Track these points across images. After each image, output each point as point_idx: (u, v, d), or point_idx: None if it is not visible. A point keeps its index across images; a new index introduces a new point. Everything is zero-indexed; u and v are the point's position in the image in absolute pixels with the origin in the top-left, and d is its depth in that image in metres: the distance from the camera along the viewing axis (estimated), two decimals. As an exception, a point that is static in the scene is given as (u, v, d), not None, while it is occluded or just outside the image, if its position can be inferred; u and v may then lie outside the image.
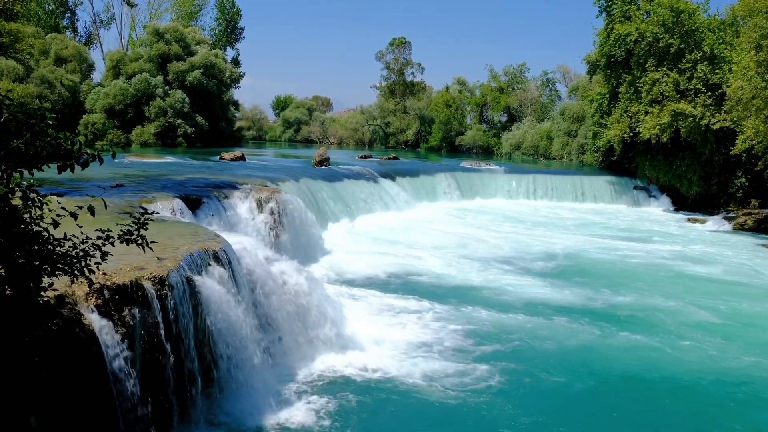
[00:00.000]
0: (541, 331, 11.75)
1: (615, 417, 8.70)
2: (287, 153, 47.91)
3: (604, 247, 20.81)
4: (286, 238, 15.39)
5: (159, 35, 48.59)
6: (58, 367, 5.46)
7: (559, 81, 64.71)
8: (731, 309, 13.86)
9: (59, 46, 48.86)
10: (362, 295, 13.49)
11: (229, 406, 7.83)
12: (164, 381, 6.86)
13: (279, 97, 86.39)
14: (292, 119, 76.56)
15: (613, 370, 10.13)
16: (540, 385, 9.36)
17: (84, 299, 6.09)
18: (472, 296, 13.86)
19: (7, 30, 27.35)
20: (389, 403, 8.53)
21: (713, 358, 10.74)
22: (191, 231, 9.79)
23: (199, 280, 7.72)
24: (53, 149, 4.73)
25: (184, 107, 45.93)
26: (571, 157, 48.17)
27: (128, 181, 16.09)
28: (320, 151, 29.77)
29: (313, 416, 8.01)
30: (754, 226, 26.42)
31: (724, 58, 29.99)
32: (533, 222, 26.18)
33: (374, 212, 23.85)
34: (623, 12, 32.92)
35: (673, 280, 16.49)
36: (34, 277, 5.01)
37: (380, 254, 17.55)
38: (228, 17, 68.99)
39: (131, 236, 5.48)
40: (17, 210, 4.78)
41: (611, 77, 34.15)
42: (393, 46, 69.61)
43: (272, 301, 9.56)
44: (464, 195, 31.16)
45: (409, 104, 69.46)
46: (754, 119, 25.09)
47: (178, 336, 7.12)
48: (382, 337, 10.78)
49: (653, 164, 32.94)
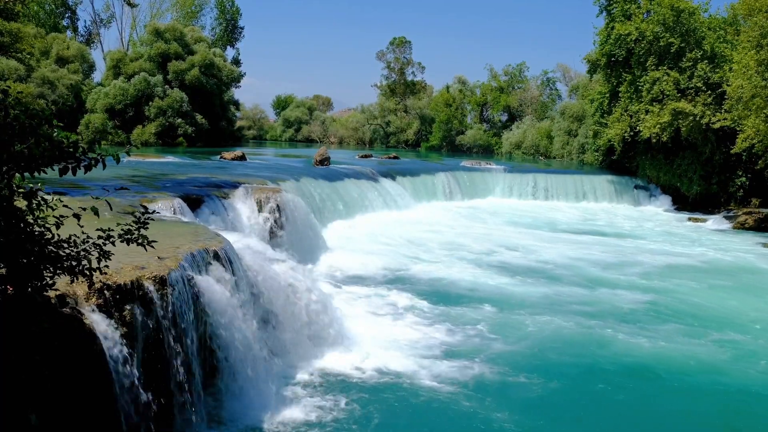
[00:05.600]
0: (542, 330, 11.76)
1: (615, 417, 8.73)
2: (288, 152, 47.91)
3: (605, 247, 20.81)
4: (286, 237, 15.41)
5: (159, 35, 48.56)
6: (58, 365, 5.48)
7: (560, 80, 64.81)
8: (731, 308, 13.88)
9: (61, 46, 48.87)
10: (362, 294, 13.51)
11: (230, 404, 7.85)
12: (165, 380, 6.89)
13: (279, 96, 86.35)
14: (293, 119, 76.55)
15: (614, 369, 10.13)
16: (540, 385, 9.37)
17: (85, 298, 6.12)
18: (472, 296, 13.87)
19: (8, 30, 27.36)
20: (389, 402, 8.55)
21: (712, 358, 10.76)
22: (192, 230, 9.81)
23: (200, 280, 7.74)
24: (56, 152, 4.75)
25: (184, 107, 45.93)
26: (571, 157, 48.16)
27: (129, 181, 16.11)
28: (321, 151, 29.78)
29: (314, 414, 8.03)
30: (754, 225, 26.42)
31: (724, 57, 29.97)
32: (533, 221, 26.19)
33: (374, 211, 23.86)
34: (624, 11, 32.91)
35: (673, 279, 16.49)
36: (36, 276, 5.04)
37: (380, 253, 17.57)
38: (228, 17, 68.95)
39: (132, 236, 5.50)
40: (19, 211, 4.80)
41: (612, 76, 34.13)
42: (393, 45, 69.58)
43: (273, 300, 9.58)
44: (464, 194, 31.16)
45: (410, 104, 69.46)
46: (754, 118, 25.08)
47: (178, 335, 7.14)
48: (382, 336, 10.80)
49: (654, 163, 32.93)
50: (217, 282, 8.05)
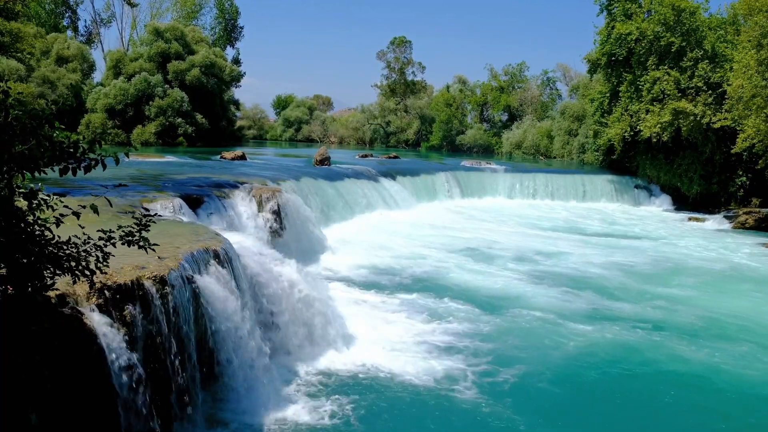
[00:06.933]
0: (542, 331, 11.77)
1: (615, 416, 8.73)
2: (288, 152, 47.91)
3: (605, 247, 20.82)
4: (286, 237, 15.41)
5: (159, 34, 48.55)
6: (59, 365, 5.48)
7: (560, 80, 64.82)
8: (731, 308, 13.87)
9: (61, 45, 48.87)
10: (363, 294, 13.52)
11: (230, 404, 7.85)
12: (165, 379, 6.89)
13: (280, 96, 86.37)
14: (293, 118, 76.54)
15: (614, 368, 10.14)
16: (540, 385, 9.37)
17: (85, 298, 6.12)
18: (472, 296, 13.86)
19: (8, 30, 27.34)
20: (390, 401, 8.55)
21: (711, 357, 10.76)
22: (192, 230, 9.81)
23: (200, 280, 7.74)
24: (56, 152, 4.74)
25: (184, 106, 45.92)
26: (571, 156, 48.16)
27: (129, 180, 16.11)
28: (321, 151, 29.78)
29: (314, 414, 8.03)
30: (754, 224, 26.41)
31: (725, 56, 29.98)
32: (533, 221, 26.19)
33: (375, 211, 23.86)
34: (624, 11, 32.90)
35: (673, 279, 16.50)
36: (36, 276, 5.04)
37: (380, 253, 17.57)
38: (227, 16, 68.96)
39: (133, 237, 5.50)
40: (20, 211, 4.80)
41: (612, 76, 34.13)
42: (394, 45, 69.62)
43: (273, 299, 9.58)
44: (465, 194, 31.17)
45: (410, 103, 69.45)
46: (754, 118, 25.08)
47: (178, 335, 7.14)
48: (383, 336, 10.80)
49: (654, 163, 32.93)
50: (217, 282, 8.05)
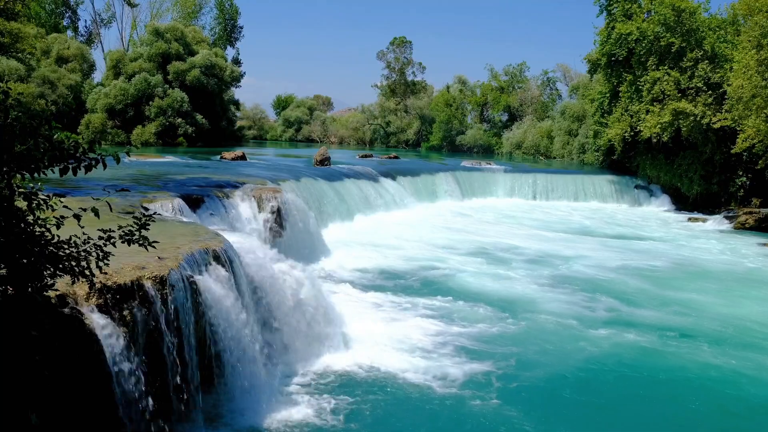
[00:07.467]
0: (543, 331, 11.77)
1: (639, 423, 8.73)
2: (288, 152, 47.92)
3: (605, 247, 20.82)
4: (286, 237, 15.41)
5: (159, 34, 48.57)
6: (59, 365, 5.49)
7: (560, 80, 64.79)
8: (731, 307, 13.87)
9: (61, 45, 48.88)
10: (363, 294, 13.51)
11: (230, 404, 7.85)
12: (165, 379, 6.89)
13: (280, 96, 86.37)
14: (293, 119, 76.54)
15: (636, 373, 10.11)
16: (539, 385, 9.38)
17: (85, 299, 6.12)
18: (473, 296, 13.86)
19: (8, 30, 27.36)
20: (390, 401, 8.55)
21: (711, 357, 10.76)
22: (192, 230, 9.81)
23: (200, 280, 7.74)
24: (56, 152, 4.75)
25: (184, 106, 45.93)
26: (571, 157, 48.16)
27: (129, 180, 16.11)
28: (321, 151, 29.79)
29: (314, 414, 8.03)
30: (755, 225, 26.40)
31: (725, 56, 29.96)
32: (533, 222, 26.19)
33: (375, 211, 23.87)
34: (624, 11, 32.89)
35: (674, 279, 16.50)
36: (36, 276, 5.03)
37: (381, 253, 17.57)
38: (227, 16, 68.93)
39: (132, 236, 5.50)
40: (19, 211, 4.80)
41: (612, 76, 34.12)
42: (394, 45, 69.59)
43: (273, 299, 9.58)
44: (465, 194, 31.17)
45: (410, 103, 69.43)
46: (754, 118, 25.07)
47: (179, 335, 7.14)
48: (383, 335, 10.80)
49: (654, 163, 32.92)
50: (217, 282, 8.05)
